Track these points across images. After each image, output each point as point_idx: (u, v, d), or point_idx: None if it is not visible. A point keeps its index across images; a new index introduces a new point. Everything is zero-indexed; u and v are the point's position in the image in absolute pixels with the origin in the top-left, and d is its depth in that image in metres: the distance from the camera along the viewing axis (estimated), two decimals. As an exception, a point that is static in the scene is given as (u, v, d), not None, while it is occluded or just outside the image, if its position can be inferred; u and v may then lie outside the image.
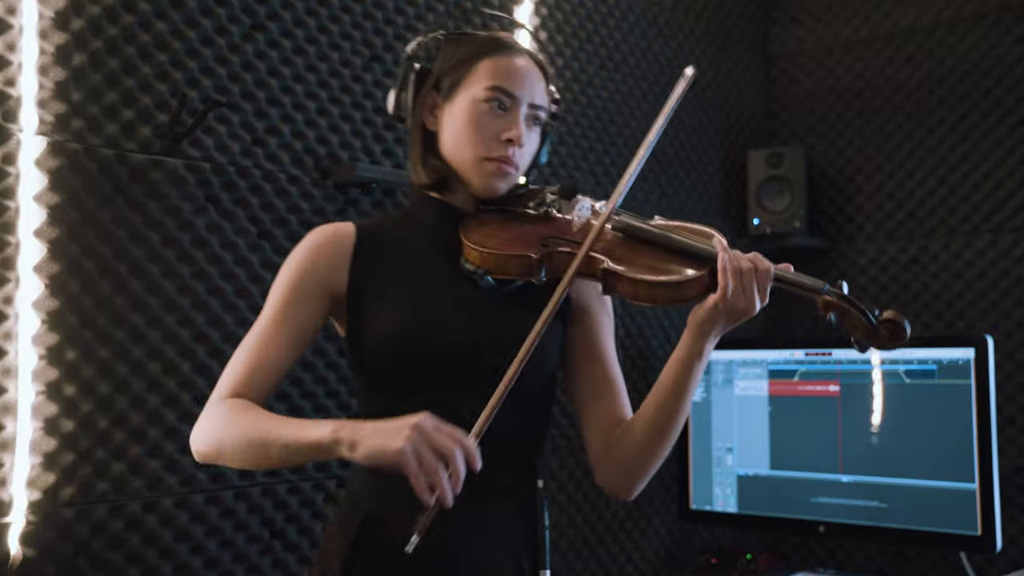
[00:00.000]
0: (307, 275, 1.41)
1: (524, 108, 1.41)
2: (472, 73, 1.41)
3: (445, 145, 1.43)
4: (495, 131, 1.39)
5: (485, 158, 1.39)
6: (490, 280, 1.37)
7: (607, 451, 1.44)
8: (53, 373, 1.76)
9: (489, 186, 1.42)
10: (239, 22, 2.05)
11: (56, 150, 1.77)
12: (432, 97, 1.44)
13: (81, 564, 1.78)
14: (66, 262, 1.78)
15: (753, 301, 1.32)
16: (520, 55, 1.44)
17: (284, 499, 2.08)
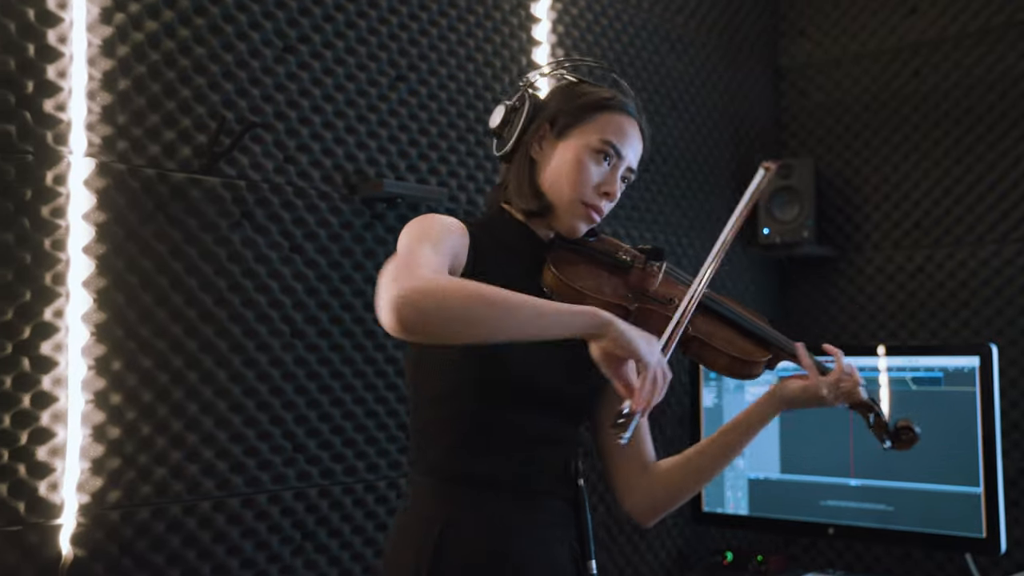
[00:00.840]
0: (448, 234, 1.43)
1: (623, 167, 1.54)
2: (592, 122, 1.52)
3: (545, 177, 1.54)
4: (596, 180, 1.52)
5: (581, 201, 1.51)
6: None
7: (637, 486, 1.62)
8: (101, 382, 1.85)
9: (574, 227, 1.54)
10: (272, 45, 2.14)
11: (103, 170, 1.86)
12: (544, 129, 1.55)
13: (126, 564, 1.87)
14: (112, 277, 1.87)
15: (838, 401, 1.58)
16: (633, 120, 1.56)
17: (315, 502, 2.17)
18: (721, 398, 2.94)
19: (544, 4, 2.73)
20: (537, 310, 1.30)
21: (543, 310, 1.30)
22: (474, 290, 1.28)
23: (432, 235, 1.41)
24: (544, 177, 1.55)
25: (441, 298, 1.26)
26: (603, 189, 1.52)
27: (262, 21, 2.12)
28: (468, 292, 1.27)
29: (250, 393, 2.07)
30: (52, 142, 1.80)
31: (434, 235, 1.41)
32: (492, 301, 1.27)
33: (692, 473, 1.60)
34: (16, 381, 1.74)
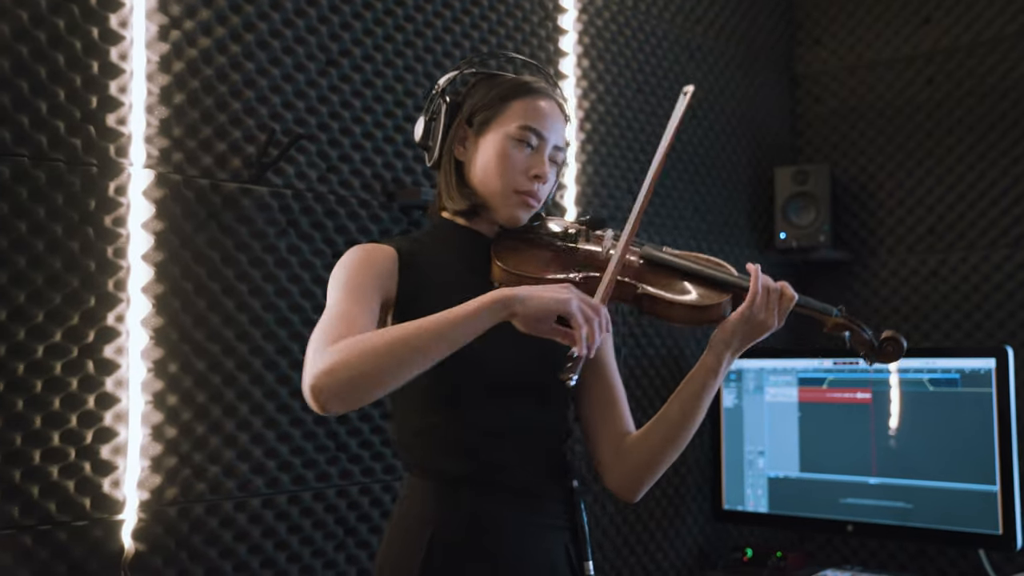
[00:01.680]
0: (370, 272, 1.46)
1: (549, 148, 1.55)
2: (505, 112, 1.53)
3: (474, 175, 1.55)
4: (524, 167, 1.52)
5: (514, 190, 1.52)
6: None
7: (617, 459, 1.58)
8: (159, 384, 1.93)
9: (514, 216, 1.55)
10: (315, 59, 2.22)
11: (161, 181, 1.94)
12: (463, 130, 1.56)
13: (183, 558, 1.95)
14: (169, 283, 1.95)
15: (773, 318, 1.50)
16: (549, 99, 1.56)
17: (356, 499, 2.25)
18: (741, 399, 3.02)
19: (570, 16, 2.81)
20: (445, 322, 1.31)
21: (451, 319, 1.32)
22: (380, 340, 1.30)
23: (349, 283, 1.44)
24: (473, 175, 1.55)
25: (353, 367, 1.28)
26: (532, 173, 1.52)
27: (306, 36, 2.20)
28: (375, 345, 1.29)
29: (296, 395, 2.15)
30: (114, 155, 1.88)
31: (350, 283, 1.44)
32: (403, 339, 1.30)
33: (661, 438, 1.54)
34: (81, 383, 1.83)
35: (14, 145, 1.76)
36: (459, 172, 1.57)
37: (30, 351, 1.77)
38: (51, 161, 1.80)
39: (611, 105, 2.92)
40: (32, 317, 1.77)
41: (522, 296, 1.32)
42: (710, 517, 3.12)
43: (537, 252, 1.55)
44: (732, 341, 1.51)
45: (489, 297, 1.33)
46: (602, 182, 2.87)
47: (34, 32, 1.79)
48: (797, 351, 3.04)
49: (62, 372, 1.81)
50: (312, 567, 2.16)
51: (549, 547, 1.53)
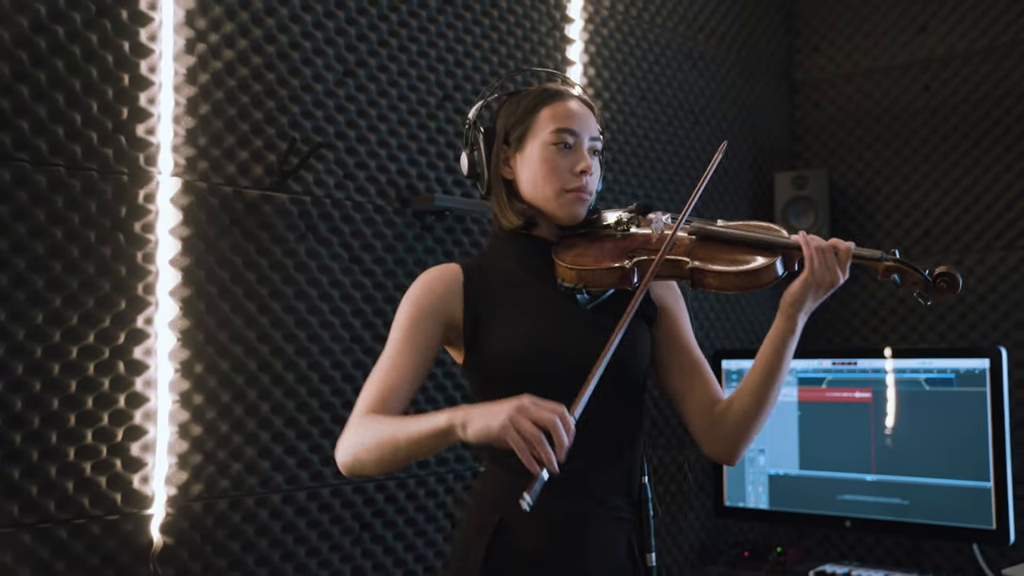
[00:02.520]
0: (426, 307, 1.58)
1: (586, 142, 1.62)
2: (536, 122, 1.61)
3: (524, 188, 1.63)
4: (567, 166, 1.59)
5: (564, 190, 1.60)
6: (586, 294, 1.59)
7: (712, 427, 1.63)
8: (185, 384, 2.01)
9: (571, 214, 1.62)
10: (333, 69, 2.30)
11: (187, 189, 2.02)
12: (504, 151, 1.64)
13: (207, 551, 2.03)
14: (195, 287, 2.03)
15: (836, 274, 1.51)
16: (572, 98, 1.64)
17: (372, 496, 2.32)
18: (742, 398, 3.10)
19: (577, 26, 2.89)
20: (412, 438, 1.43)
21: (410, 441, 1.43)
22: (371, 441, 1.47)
23: (405, 323, 1.59)
24: (523, 188, 1.62)
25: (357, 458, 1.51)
26: (578, 169, 1.59)
27: (324, 47, 2.28)
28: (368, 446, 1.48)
29: (315, 394, 2.23)
30: (144, 163, 1.96)
31: (406, 323, 1.58)
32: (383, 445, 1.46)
33: (749, 401, 1.59)
34: (112, 383, 1.90)
35: (50, 155, 1.84)
36: (510, 190, 1.65)
37: (64, 352, 1.85)
38: (85, 171, 1.87)
39: (616, 112, 3.00)
40: (67, 320, 1.85)
41: (462, 422, 1.38)
42: (712, 513, 3.20)
43: (593, 244, 1.62)
44: (802, 303, 1.53)
45: (437, 420, 1.41)
46: (607, 187, 2.95)
47: (69, 47, 1.86)
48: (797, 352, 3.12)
49: (94, 372, 1.88)
50: (330, 560, 2.24)
51: (611, 538, 1.59)
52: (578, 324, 1.59)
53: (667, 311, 1.69)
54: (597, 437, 1.55)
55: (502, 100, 1.70)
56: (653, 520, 1.62)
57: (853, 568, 2.83)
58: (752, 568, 3.00)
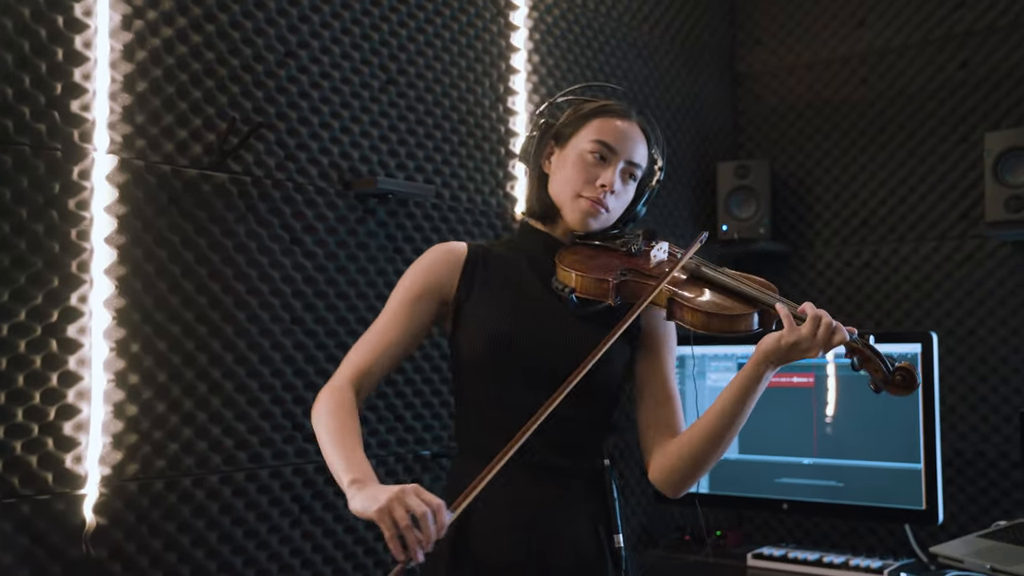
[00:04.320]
0: (425, 280, 1.68)
1: (621, 163, 1.69)
2: (584, 128, 1.70)
3: (552, 184, 1.72)
4: (593, 176, 1.67)
5: (580, 195, 1.67)
6: (574, 299, 1.64)
7: (663, 456, 1.68)
8: (120, 363, 1.99)
9: (580, 221, 1.69)
10: (275, 50, 2.29)
11: (123, 166, 2.00)
12: (551, 146, 1.74)
13: (143, 532, 2.01)
14: (131, 265, 2.01)
15: (819, 347, 1.55)
16: (628, 119, 1.71)
17: (312, 478, 2.32)
18: (684, 384, 3.13)
19: (521, 13, 2.90)
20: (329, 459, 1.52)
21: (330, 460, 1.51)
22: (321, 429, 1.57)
23: (401, 290, 1.69)
24: (551, 185, 1.72)
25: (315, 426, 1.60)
26: (600, 182, 1.66)
27: (265, 27, 2.27)
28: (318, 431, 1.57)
29: (254, 375, 2.22)
30: (78, 140, 1.93)
31: (403, 290, 1.69)
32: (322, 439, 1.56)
33: (703, 440, 1.62)
34: (45, 361, 1.88)
35: (-20, 129, 1.81)
36: (543, 181, 1.74)
37: (-5, 330, 1.82)
38: (17, 145, 1.85)
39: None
40: (-3, 297, 1.83)
41: (353, 492, 1.42)
42: (652, 498, 3.24)
43: (597, 256, 1.68)
44: (770, 357, 1.56)
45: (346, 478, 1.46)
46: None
47: (0, 20, 1.83)
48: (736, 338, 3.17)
49: (26, 350, 1.86)
50: (268, 542, 2.23)
51: (575, 521, 1.63)
52: (559, 325, 1.66)
53: (655, 338, 1.74)
54: (567, 431, 1.59)
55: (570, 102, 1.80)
56: (618, 502, 1.66)
57: (790, 550, 2.88)
58: (692, 552, 3.04)
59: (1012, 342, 3.10)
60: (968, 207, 3.23)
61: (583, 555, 1.64)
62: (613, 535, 1.66)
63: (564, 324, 1.67)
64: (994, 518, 3.01)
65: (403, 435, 2.50)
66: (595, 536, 1.66)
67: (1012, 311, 3.11)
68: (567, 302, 1.65)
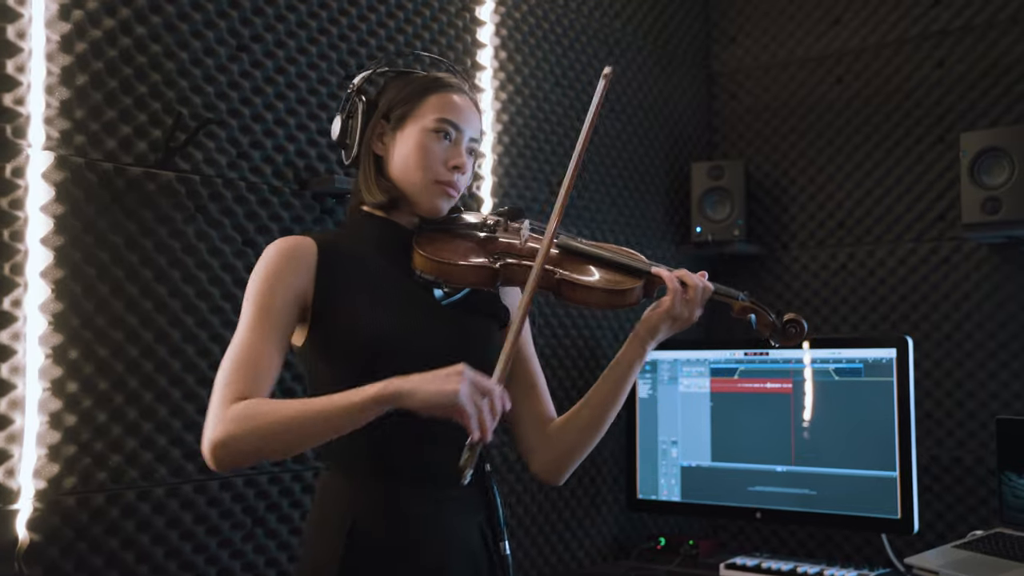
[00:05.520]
0: (281, 280, 1.49)
1: (466, 140, 1.60)
2: (422, 106, 1.58)
3: (394, 169, 1.59)
4: (443, 158, 1.57)
5: (435, 181, 1.57)
6: (442, 290, 1.57)
7: (542, 444, 1.66)
8: (57, 371, 1.89)
9: (435, 206, 1.59)
10: (226, 43, 2.19)
11: (61, 164, 1.90)
12: (381, 126, 1.60)
13: (81, 548, 1.91)
14: (69, 268, 1.91)
15: (694, 311, 1.60)
16: (462, 93, 1.62)
17: (265, 489, 2.23)
18: (656, 390, 3.07)
19: (488, 8, 2.82)
20: (333, 412, 1.36)
21: (338, 409, 1.35)
22: (272, 419, 1.37)
23: (258, 301, 1.48)
24: (392, 168, 1.58)
25: (245, 444, 1.37)
26: (452, 163, 1.56)
27: (216, 20, 2.17)
28: (268, 424, 1.36)
29: (204, 382, 2.12)
30: (11, 135, 1.83)
31: (260, 300, 1.48)
32: (292, 422, 1.36)
33: (584, 426, 1.63)
34: (-25, 369, 1.78)
35: (-97, 123, 1.71)
36: (378, 167, 1.61)
37: (-80, 336, 1.72)
38: (-57, 140, 1.75)
39: (528, 97, 2.94)
40: (-78, 301, 1.72)
41: (409, 389, 1.33)
42: (624, 506, 3.16)
43: (458, 242, 1.59)
44: (656, 333, 1.60)
45: (376, 389, 1.35)
46: (519, 173, 2.89)
47: (-74, 7, 1.74)
48: (710, 342, 3.10)
49: (-46, 358, 1.76)
50: (218, 557, 2.14)
51: (463, 529, 1.56)
52: (432, 318, 1.56)
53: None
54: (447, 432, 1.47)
55: (390, 76, 1.65)
56: (501, 507, 1.59)
57: (764, 560, 2.82)
58: (664, 561, 2.97)
59: (989, 346, 3.04)
60: (945, 208, 3.17)
61: (478, 566, 1.58)
62: (499, 542, 1.59)
63: (438, 316, 1.56)
64: (971, 526, 2.95)
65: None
66: (484, 545, 1.59)
67: (989, 315, 3.05)
68: (435, 293, 1.57)
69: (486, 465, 1.59)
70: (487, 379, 1.36)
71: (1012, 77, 3.08)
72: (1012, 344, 3.00)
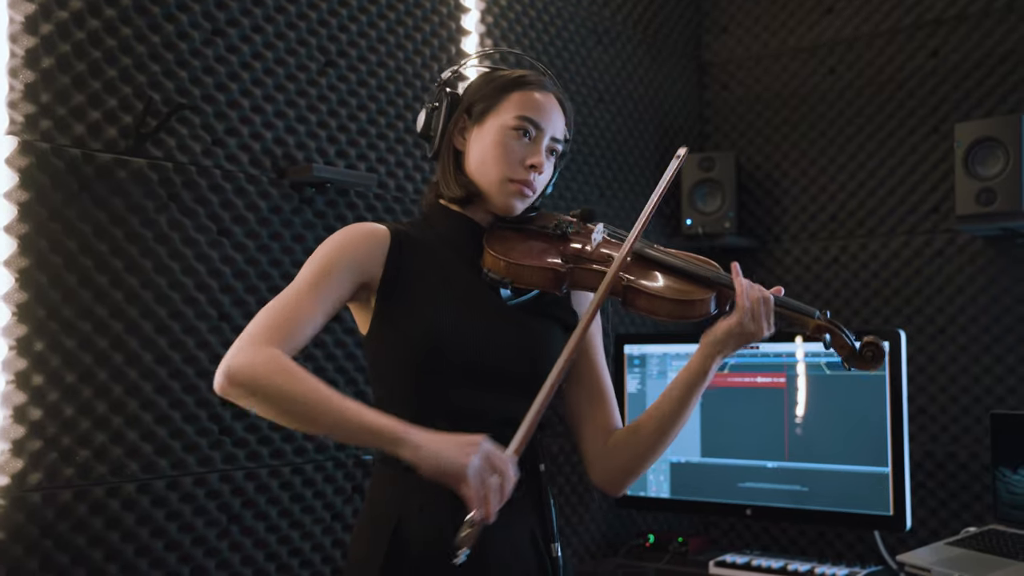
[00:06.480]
0: (346, 256, 1.48)
1: (547, 139, 1.56)
2: (504, 102, 1.55)
3: (471, 164, 1.57)
4: (520, 156, 1.53)
5: (509, 179, 1.53)
6: (510, 290, 1.52)
7: (604, 455, 1.61)
8: (22, 363, 1.83)
9: (509, 205, 1.56)
10: (200, 27, 2.13)
11: (26, 149, 1.84)
12: (463, 120, 1.58)
13: (47, 546, 1.85)
14: (35, 257, 1.85)
15: (762, 326, 1.51)
16: (547, 92, 1.58)
17: (241, 485, 2.17)
18: (645, 384, 3.02)
19: (473, -6, 2.76)
20: (344, 420, 1.35)
21: (350, 422, 1.35)
22: (296, 389, 1.35)
23: (319, 267, 1.47)
24: (470, 163, 1.57)
25: (264, 392, 1.35)
26: (529, 162, 1.54)
27: (190, 3, 2.11)
28: (290, 391, 1.34)
29: (176, 375, 2.06)
30: (-27, 119, 1.77)
31: (321, 267, 1.47)
32: (310, 404, 1.35)
33: (650, 437, 1.58)
34: (-66, 361, 1.72)
35: None
36: (457, 161, 1.59)
37: None
38: (-100, 123, 1.69)
39: (515, 86, 2.88)
40: None
41: (418, 445, 1.33)
42: (613, 503, 3.11)
43: (529, 242, 1.56)
44: (724, 347, 1.53)
45: (395, 426, 1.34)
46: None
47: None
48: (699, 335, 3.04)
49: (-87, 349, 1.70)
50: (192, 555, 2.08)
51: (514, 531, 1.52)
52: (498, 319, 1.52)
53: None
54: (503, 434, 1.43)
55: (479, 71, 1.64)
56: (555, 509, 1.55)
57: (754, 557, 2.76)
58: (653, 559, 2.92)
59: (983, 340, 2.99)
60: (939, 200, 3.12)
61: (527, 568, 1.54)
62: (551, 544, 1.55)
63: (504, 317, 1.53)
64: (965, 523, 2.91)
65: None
66: (534, 547, 1.55)
67: (983, 308, 3.00)
68: (502, 293, 1.54)
69: (541, 465, 1.56)
70: (502, 458, 1.34)
71: (1007, 67, 3.03)
72: (1007, 338, 2.95)
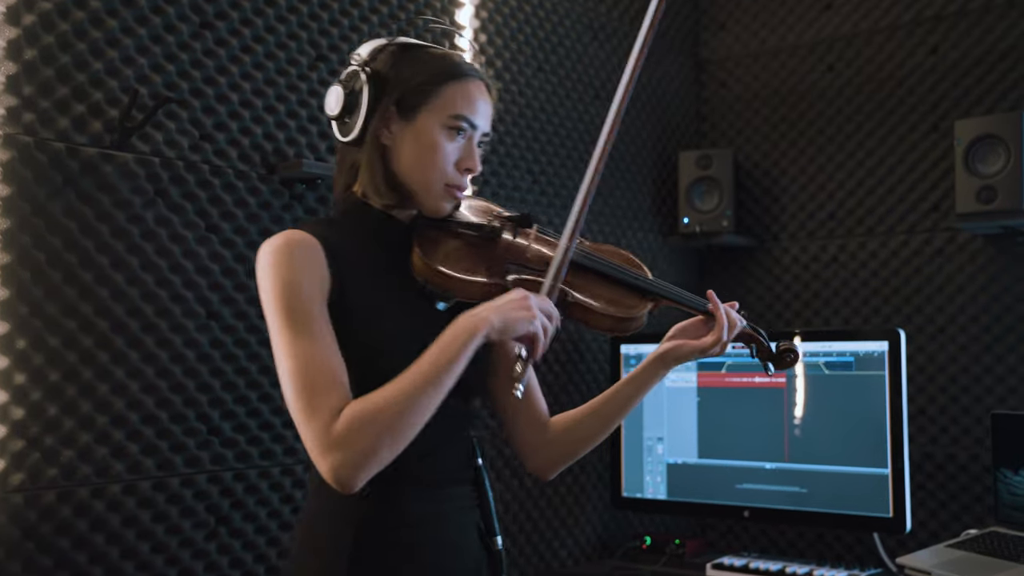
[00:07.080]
0: (304, 276, 1.36)
1: (478, 136, 1.48)
2: (438, 97, 1.43)
3: (401, 164, 1.45)
4: (454, 158, 1.45)
5: (444, 184, 1.45)
6: (446, 302, 1.46)
7: (543, 445, 1.64)
8: (3, 362, 1.79)
9: (440, 208, 1.48)
10: (188, 20, 2.10)
11: (7, 143, 1.80)
12: (391, 113, 1.44)
13: (29, 548, 1.81)
14: (16, 253, 1.81)
15: (726, 349, 1.60)
16: (479, 81, 1.48)
17: (230, 486, 2.13)
18: (641, 384, 2.97)
19: (467, -11, 2.72)
20: (433, 368, 1.31)
21: (437, 363, 1.31)
22: (388, 412, 1.28)
23: (294, 312, 1.34)
24: (399, 163, 1.46)
25: (375, 453, 1.28)
26: (464, 166, 1.46)
27: (178, -5, 2.08)
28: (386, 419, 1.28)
29: (163, 374, 2.03)
30: (-47, 111, 1.74)
31: (296, 311, 1.34)
32: (409, 403, 1.29)
33: (588, 435, 1.63)
34: (-87, 359, 1.68)
35: None
36: (384, 159, 1.46)
37: None
38: None
39: (509, 82, 2.85)
40: None
41: (494, 321, 1.33)
42: (609, 505, 3.07)
43: (461, 247, 1.48)
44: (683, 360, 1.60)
45: (464, 330, 1.32)
46: (499, 161, 2.80)
47: None
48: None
49: None
50: (179, 557, 2.04)
51: (464, 532, 1.51)
52: (435, 326, 1.38)
53: None
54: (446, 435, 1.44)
55: (399, 49, 1.47)
56: (493, 502, 1.53)
57: (752, 560, 2.73)
58: (649, 561, 2.88)
59: (984, 340, 2.95)
60: (939, 198, 3.08)
61: (478, 563, 1.53)
62: (492, 537, 1.54)
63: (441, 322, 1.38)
64: (965, 525, 2.87)
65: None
66: (481, 540, 1.54)
67: (984, 308, 2.96)
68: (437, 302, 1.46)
69: (479, 460, 1.55)
70: (548, 301, 1.39)
71: (1007, 63, 2.99)
72: (1008, 337, 2.91)
